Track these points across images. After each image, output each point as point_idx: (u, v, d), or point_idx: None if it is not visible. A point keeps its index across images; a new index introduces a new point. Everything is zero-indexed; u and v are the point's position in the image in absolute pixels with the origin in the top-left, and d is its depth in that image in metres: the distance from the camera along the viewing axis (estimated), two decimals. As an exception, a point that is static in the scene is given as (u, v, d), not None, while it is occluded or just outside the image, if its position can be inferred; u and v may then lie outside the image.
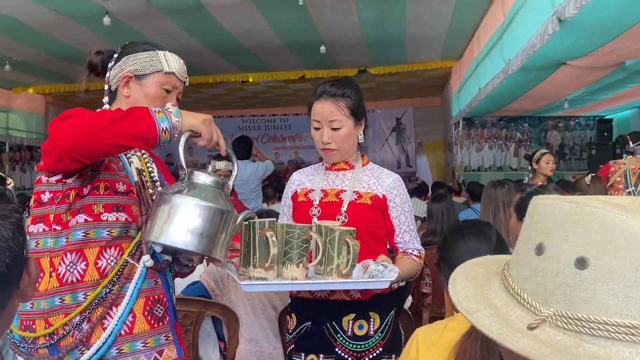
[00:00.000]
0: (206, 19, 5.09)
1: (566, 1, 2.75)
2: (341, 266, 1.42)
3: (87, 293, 1.28)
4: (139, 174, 1.43)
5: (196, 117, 1.28)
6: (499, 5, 4.48)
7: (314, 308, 1.66)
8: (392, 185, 1.71)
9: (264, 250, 1.39)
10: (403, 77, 8.07)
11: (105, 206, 1.32)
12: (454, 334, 1.24)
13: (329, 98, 1.65)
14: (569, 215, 0.58)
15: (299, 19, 5.19)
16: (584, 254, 0.55)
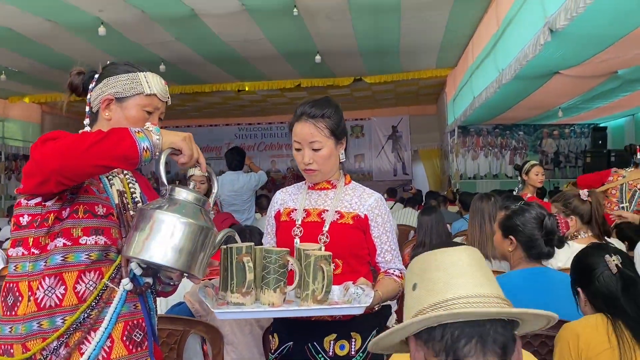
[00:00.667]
0: (201, 29, 5.11)
1: (557, 12, 2.77)
2: (316, 292, 1.42)
3: (65, 317, 1.27)
4: (120, 196, 1.42)
5: (176, 135, 1.28)
6: (492, 15, 4.51)
7: (295, 328, 1.65)
8: (373, 205, 1.71)
9: (241, 275, 1.39)
10: (398, 86, 8.11)
11: (84, 230, 1.30)
12: None
13: (308, 119, 1.65)
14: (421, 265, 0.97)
15: (294, 29, 5.22)
16: (415, 281, 0.95)
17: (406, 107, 10.26)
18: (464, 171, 8.52)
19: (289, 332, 1.66)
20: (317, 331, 1.63)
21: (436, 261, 0.93)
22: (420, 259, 0.95)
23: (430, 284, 0.91)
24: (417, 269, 0.95)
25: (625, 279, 1.52)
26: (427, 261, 0.94)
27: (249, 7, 4.61)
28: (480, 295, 0.88)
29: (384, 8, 4.72)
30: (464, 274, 0.91)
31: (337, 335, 1.63)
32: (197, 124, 10.62)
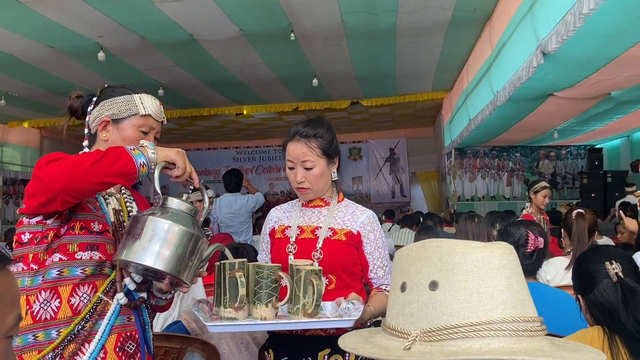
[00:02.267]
0: (200, 54, 5.18)
1: (549, 36, 2.82)
2: (307, 306, 1.44)
3: (60, 330, 1.30)
4: (117, 214, 1.46)
5: (170, 149, 1.34)
6: (486, 39, 4.59)
7: (290, 343, 1.66)
8: (366, 222, 1.73)
9: (233, 290, 1.41)
10: (395, 109, 8.19)
11: (80, 245, 1.34)
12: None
13: (301, 139, 1.69)
14: (418, 253, 0.74)
15: (291, 53, 5.29)
16: (434, 278, 0.71)
17: (403, 130, 10.33)
18: (461, 193, 8.54)
19: (284, 348, 1.67)
20: (311, 346, 1.64)
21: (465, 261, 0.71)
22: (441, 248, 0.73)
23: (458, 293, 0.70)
24: (436, 260, 0.72)
25: (625, 289, 1.39)
26: (451, 255, 0.72)
27: (246, 33, 4.68)
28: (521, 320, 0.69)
29: (379, 34, 4.80)
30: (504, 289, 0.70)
31: (331, 350, 1.64)
32: (196, 147, 10.67)
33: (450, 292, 0.70)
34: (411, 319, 0.72)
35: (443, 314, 0.69)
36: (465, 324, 0.68)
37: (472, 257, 0.70)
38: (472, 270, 0.70)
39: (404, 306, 0.73)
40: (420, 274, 0.73)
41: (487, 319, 0.67)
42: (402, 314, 0.73)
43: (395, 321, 0.75)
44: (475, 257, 0.70)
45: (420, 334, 0.70)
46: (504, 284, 0.70)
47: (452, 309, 0.69)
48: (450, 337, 0.68)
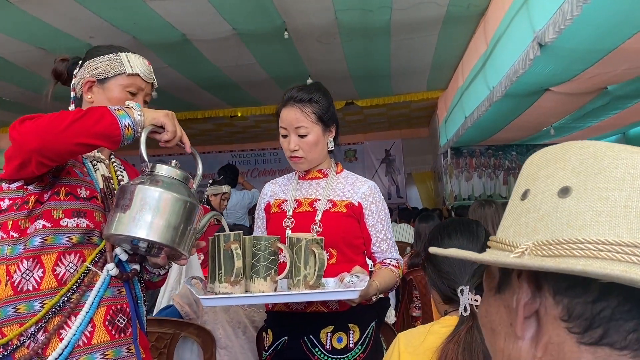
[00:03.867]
0: (193, 54, 5.13)
1: (545, 26, 2.79)
2: (308, 277, 1.36)
3: (44, 301, 1.20)
4: (106, 181, 1.36)
5: (158, 111, 1.25)
6: (481, 35, 4.56)
7: (290, 321, 1.58)
8: (367, 193, 1.66)
9: (229, 264, 1.32)
10: (390, 109, 8.15)
11: (66, 211, 1.25)
12: (436, 338, 1.21)
13: (295, 104, 1.62)
14: (554, 155, 0.57)
15: (285, 53, 5.25)
16: (568, 184, 0.53)
17: (399, 131, 10.30)
18: (458, 192, 8.51)
19: (284, 326, 1.60)
20: (312, 324, 1.56)
21: (617, 166, 0.52)
22: (587, 150, 0.55)
23: (597, 203, 0.51)
24: (577, 164, 0.55)
25: None
26: (599, 158, 0.54)
27: (240, 32, 4.64)
28: None
29: (373, 31, 4.76)
30: None
31: (334, 327, 1.56)
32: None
33: (585, 201, 0.52)
34: (525, 229, 0.55)
35: (569, 225, 0.52)
36: (597, 241, 0.50)
37: (628, 163, 0.52)
38: (623, 178, 0.51)
39: (520, 216, 0.56)
40: (550, 179, 0.55)
41: (631, 241, 0.48)
42: (516, 225, 0.56)
43: (505, 234, 0.58)
44: (634, 162, 0.52)
45: (533, 246, 0.53)
46: None
47: (584, 221, 0.51)
48: (572, 254, 0.50)
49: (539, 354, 0.53)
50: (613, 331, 0.49)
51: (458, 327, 1.19)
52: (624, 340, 0.49)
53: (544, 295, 0.53)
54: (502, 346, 0.57)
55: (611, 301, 0.49)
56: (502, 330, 0.57)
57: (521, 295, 0.54)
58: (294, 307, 1.57)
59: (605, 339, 0.49)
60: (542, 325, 0.53)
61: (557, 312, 0.51)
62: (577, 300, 0.51)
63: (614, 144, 0.54)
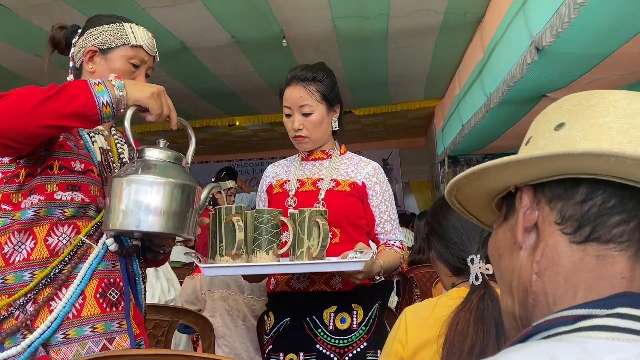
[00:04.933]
0: (191, 63, 5.15)
1: (543, 30, 2.82)
2: (312, 248, 1.34)
3: (34, 272, 1.16)
4: (104, 154, 1.32)
5: (143, 90, 1.15)
6: (477, 42, 4.60)
7: (292, 302, 1.56)
8: (371, 173, 1.65)
9: (230, 237, 1.30)
10: (388, 118, 8.18)
11: (60, 185, 1.21)
12: (445, 309, 1.21)
13: (299, 82, 1.62)
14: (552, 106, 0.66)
15: (283, 61, 5.27)
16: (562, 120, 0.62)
17: (396, 140, 10.33)
18: (455, 201, 8.50)
19: (285, 308, 1.58)
20: (315, 304, 1.54)
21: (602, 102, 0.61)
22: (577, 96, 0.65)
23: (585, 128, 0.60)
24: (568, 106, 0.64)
25: None
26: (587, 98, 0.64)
27: (238, 40, 4.66)
28: None
29: (371, 39, 4.80)
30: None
31: (337, 307, 1.54)
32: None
33: (577, 128, 0.60)
34: None
35: (563, 146, 0.59)
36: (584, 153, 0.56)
37: (611, 98, 0.60)
38: (607, 108, 0.60)
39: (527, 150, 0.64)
40: (549, 122, 0.63)
41: (611, 152, 0.54)
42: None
43: None
44: (616, 97, 0.60)
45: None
46: None
47: (574, 141, 0.59)
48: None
49: (537, 258, 0.60)
50: (600, 227, 0.57)
51: (469, 296, 1.18)
52: (608, 234, 0.56)
53: (541, 206, 0.61)
54: (507, 264, 0.65)
55: (597, 199, 0.57)
56: (507, 251, 0.65)
57: (521, 206, 0.62)
58: (297, 287, 1.55)
59: (593, 235, 0.57)
60: (540, 234, 0.61)
61: (552, 217, 0.59)
62: (568, 203, 0.58)
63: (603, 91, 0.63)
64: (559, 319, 0.54)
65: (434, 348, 1.18)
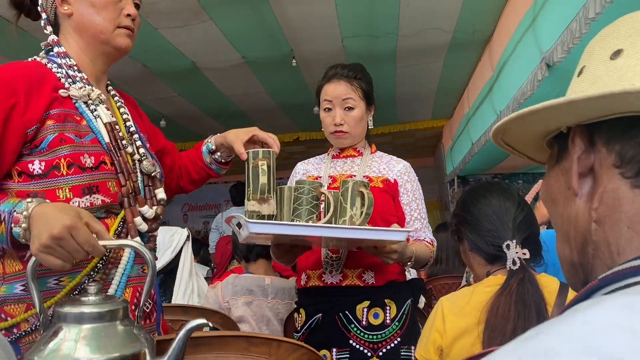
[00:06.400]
0: (202, 83, 5.20)
1: (553, 46, 2.82)
2: (354, 217, 1.32)
3: (62, 279, 1.02)
4: (112, 130, 1.15)
5: (40, 235, 0.88)
6: (486, 61, 4.61)
7: (324, 297, 1.55)
8: (402, 171, 1.66)
9: (256, 181, 1.29)
10: (396, 138, 8.19)
11: (73, 189, 1.04)
12: (482, 297, 1.19)
13: (342, 78, 1.64)
14: (607, 30, 0.57)
15: (292, 81, 5.31)
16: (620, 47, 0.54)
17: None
18: (465, 221, 8.45)
19: (317, 303, 1.57)
20: (348, 299, 1.53)
21: None
22: (636, 17, 0.57)
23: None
24: (627, 27, 0.56)
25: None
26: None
27: (248, 60, 4.71)
28: None
29: (379, 58, 4.83)
30: None
31: (370, 302, 1.53)
32: (196, 182, 10.61)
33: (635, 57, 0.52)
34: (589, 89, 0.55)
35: (620, 79, 0.52)
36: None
37: None
38: None
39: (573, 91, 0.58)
40: (604, 49, 0.56)
41: None
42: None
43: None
44: None
45: None
46: None
47: (634, 72, 0.52)
48: None
49: (595, 205, 0.54)
50: None
51: (508, 281, 1.18)
52: None
53: (597, 149, 0.54)
54: (562, 210, 0.59)
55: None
56: (561, 196, 0.59)
57: (575, 150, 0.56)
58: (329, 281, 1.54)
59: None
60: (597, 179, 0.54)
61: (610, 160, 0.53)
62: (629, 143, 0.51)
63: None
64: (628, 269, 0.48)
65: (474, 334, 1.17)
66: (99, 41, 1.21)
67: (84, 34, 1.20)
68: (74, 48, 1.22)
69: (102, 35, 1.20)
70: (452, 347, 1.22)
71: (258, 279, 2.19)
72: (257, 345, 0.97)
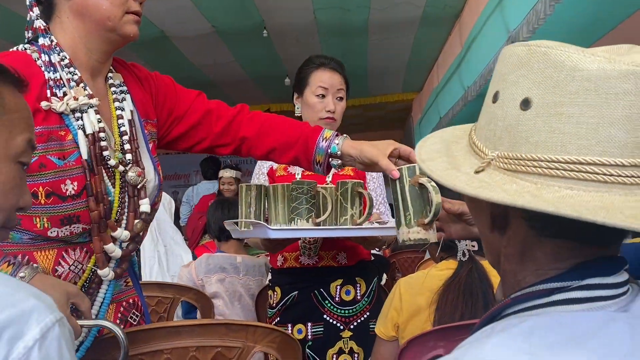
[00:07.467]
0: (171, 52, 5.12)
1: (519, 26, 2.90)
2: (355, 216, 1.40)
3: None
4: (93, 143, 1.02)
5: None
6: (456, 36, 4.68)
7: (301, 277, 1.67)
8: None
9: (418, 203, 1.07)
10: (367, 110, 8.25)
11: (52, 219, 0.97)
12: (435, 279, 1.29)
13: (337, 70, 1.71)
14: (521, 58, 0.59)
15: (263, 51, 5.28)
16: (529, 95, 0.56)
17: (374, 133, 10.39)
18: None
19: (294, 282, 1.67)
20: (324, 278, 1.65)
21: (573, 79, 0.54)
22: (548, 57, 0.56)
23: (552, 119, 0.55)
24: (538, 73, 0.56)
25: None
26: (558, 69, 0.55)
27: (219, 29, 4.66)
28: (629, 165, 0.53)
29: (351, 31, 4.84)
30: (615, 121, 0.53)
31: (342, 280, 1.65)
32: (165, 151, 10.46)
33: (542, 117, 0.55)
34: (493, 137, 0.60)
35: (527, 140, 0.56)
36: (547, 159, 0.54)
37: (584, 75, 0.53)
38: (577, 92, 0.54)
39: (490, 121, 0.61)
40: (515, 86, 0.58)
41: (578, 158, 0.53)
42: (487, 128, 0.61)
43: (480, 134, 0.63)
44: (589, 75, 0.53)
45: (497, 157, 0.59)
46: (618, 115, 0.52)
47: (539, 137, 0.55)
48: (527, 171, 0.56)
49: (504, 243, 0.63)
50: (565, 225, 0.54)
51: (458, 271, 1.27)
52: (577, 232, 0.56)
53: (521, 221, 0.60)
54: (482, 229, 0.67)
55: None
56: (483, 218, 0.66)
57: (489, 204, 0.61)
58: (306, 262, 1.64)
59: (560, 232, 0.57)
60: (509, 222, 0.61)
61: (519, 211, 0.57)
62: None
63: (577, 51, 0.56)
64: (536, 292, 0.58)
65: (426, 314, 1.27)
66: (105, 28, 1.05)
67: (87, 19, 1.04)
68: (69, 35, 1.05)
69: (108, 22, 1.05)
70: (407, 324, 1.33)
71: (230, 258, 2.30)
72: (235, 330, 1.05)
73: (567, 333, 0.52)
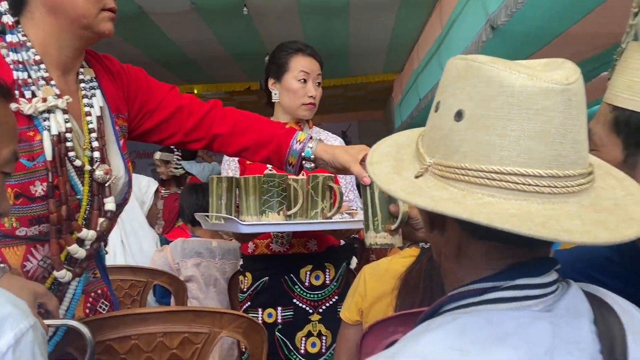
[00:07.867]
0: (149, 28, 5.03)
1: (498, 10, 2.91)
2: (325, 209, 1.43)
3: None
4: (59, 143, 1.01)
5: None
6: (437, 18, 4.67)
7: (272, 263, 1.70)
8: None
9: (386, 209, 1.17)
10: (348, 90, 8.23)
11: (20, 219, 0.98)
12: (398, 266, 1.33)
13: (316, 57, 1.73)
14: (460, 72, 0.62)
15: (243, 29, 5.21)
16: (462, 107, 0.61)
17: (355, 113, 10.40)
18: (412, 174, 8.69)
19: (264, 269, 1.70)
20: (293, 264, 1.69)
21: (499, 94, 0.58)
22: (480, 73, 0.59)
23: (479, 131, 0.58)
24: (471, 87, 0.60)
25: None
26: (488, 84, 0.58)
27: (198, 5, 4.57)
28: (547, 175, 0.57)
29: (332, 9, 4.79)
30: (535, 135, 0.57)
31: (312, 266, 1.70)
32: (144, 129, 10.38)
33: (471, 129, 0.59)
34: (432, 144, 0.64)
35: (458, 150, 0.60)
36: (473, 169, 0.58)
37: (508, 91, 0.57)
38: (502, 106, 0.57)
39: (432, 129, 0.65)
40: (452, 98, 0.62)
41: (500, 168, 0.57)
42: (428, 137, 0.66)
43: (424, 140, 0.68)
44: (513, 91, 0.57)
45: (434, 164, 0.63)
46: (538, 129, 0.56)
47: (468, 147, 0.59)
48: (456, 178, 0.60)
49: (443, 242, 0.68)
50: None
51: (420, 257, 1.31)
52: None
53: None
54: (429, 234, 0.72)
55: None
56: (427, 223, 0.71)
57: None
58: (276, 249, 1.67)
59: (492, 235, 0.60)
60: (447, 225, 0.67)
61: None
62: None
63: (507, 66, 0.59)
64: (471, 291, 0.62)
65: (388, 300, 1.31)
66: (79, 25, 1.03)
67: (61, 15, 1.02)
68: (41, 31, 1.03)
69: (84, 20, 1.03)
70: (370, 309, 1.37)
71: (205, 242, 2.34)
72: (203, 317, 1.08)
73: (494, 331, 0.56)
